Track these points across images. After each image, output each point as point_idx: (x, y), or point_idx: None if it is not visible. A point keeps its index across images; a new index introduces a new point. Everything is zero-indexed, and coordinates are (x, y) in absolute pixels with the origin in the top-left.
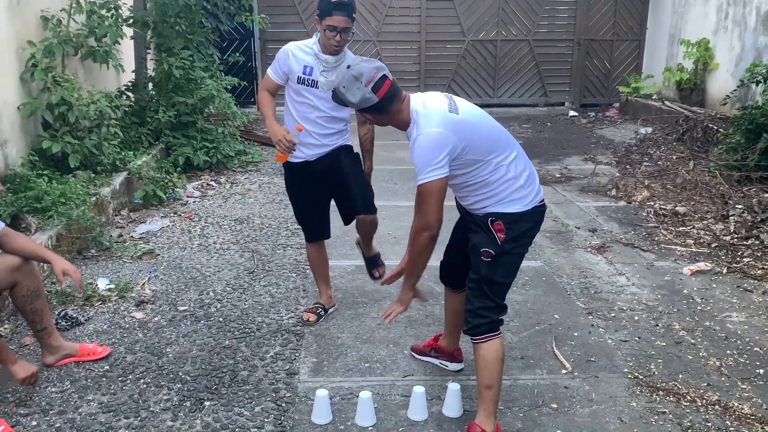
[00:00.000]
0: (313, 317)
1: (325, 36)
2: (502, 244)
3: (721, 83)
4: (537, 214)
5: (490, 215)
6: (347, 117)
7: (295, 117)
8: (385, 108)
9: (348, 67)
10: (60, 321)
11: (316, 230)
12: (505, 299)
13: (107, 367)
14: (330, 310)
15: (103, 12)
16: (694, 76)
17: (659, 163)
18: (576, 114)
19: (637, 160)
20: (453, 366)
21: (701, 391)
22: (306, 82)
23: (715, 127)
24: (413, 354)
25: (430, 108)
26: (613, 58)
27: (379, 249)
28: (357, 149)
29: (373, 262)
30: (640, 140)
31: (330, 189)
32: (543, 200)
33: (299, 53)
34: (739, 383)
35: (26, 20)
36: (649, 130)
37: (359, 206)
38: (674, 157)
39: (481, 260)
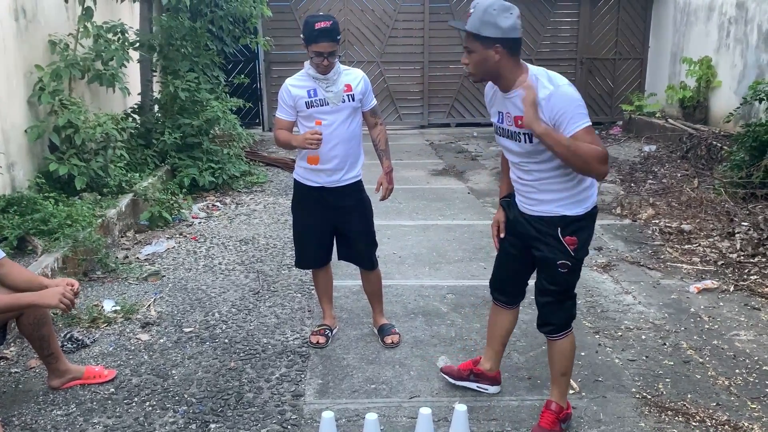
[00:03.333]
0: (322, 339)
1: (314, 61)
2: (575, 254)
3: (724, 101)
4: (593, 216)
5: (557, 222)
6: (360, 132)
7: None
8: (517, 49)
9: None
10: (66, 343)
11: (313, 258)
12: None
13: (113, 390)
14: (334, 331)
15: (110, 36)
16: (697, 93)
17: (664, 180)
18: None
19: (641, 178)
20: (493, 389)
21: (710, 410)
22: (315, 104)
23: (719, 145)
24: (447, 378)
25: (555, 74)
26: (615, 77)
27: (385, 268)
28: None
29: (385, 331)
30: (644, 158)
31: (334, 227)
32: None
33: (297, 83)
34: (749, 403)
35: (34, 45)
36: (653, 148)
37: (360, 263)
38: (678, 175)
39: (558, 272)
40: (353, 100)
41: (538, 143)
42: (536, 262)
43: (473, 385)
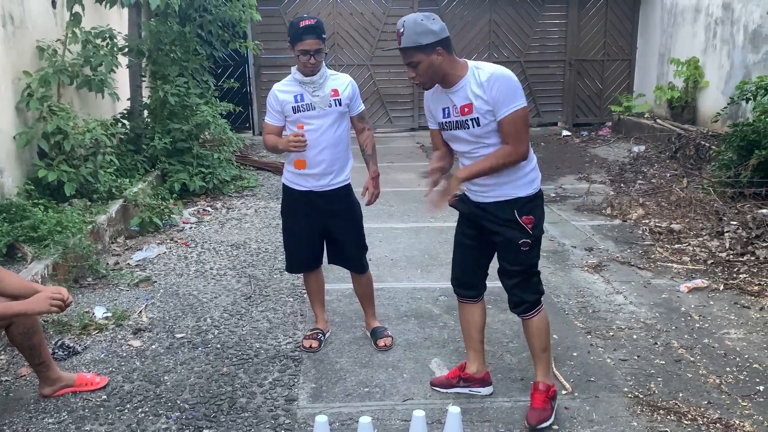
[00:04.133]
0: (315, 343)
1: (300, 60)
2: (533, 232)
3: (712, 101)
4: (541, 196)
5: (513, 205)
6: (348, 137)
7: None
8: (451, 47)
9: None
10: (57, 351)
11: (304, 263)
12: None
13: (105, 397)
14: (327, 335)
15: (99, 41)
16: (684, 94)
17: (653, 181)
18: (569, 133)
19: (631, 179)
20: (485, 390)
21: (702, 409)
22: (302, 108)
23: (707, 145)
24: (437, 389)
25: (494, 64)
26: (604, 78)
27: (376, 270)
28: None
29: (378, 334)
30: (633, 158)
31: (324, 231)
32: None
33: (284, 88)
34: (740, 401)
35: (22, 51)
36: (642, 148)
37: (351, 266)
38: (668, 175)
39: (520, 251)
40: (340, 104)
41: (485, 125)
42: (497, 248)
43: (465, 390)
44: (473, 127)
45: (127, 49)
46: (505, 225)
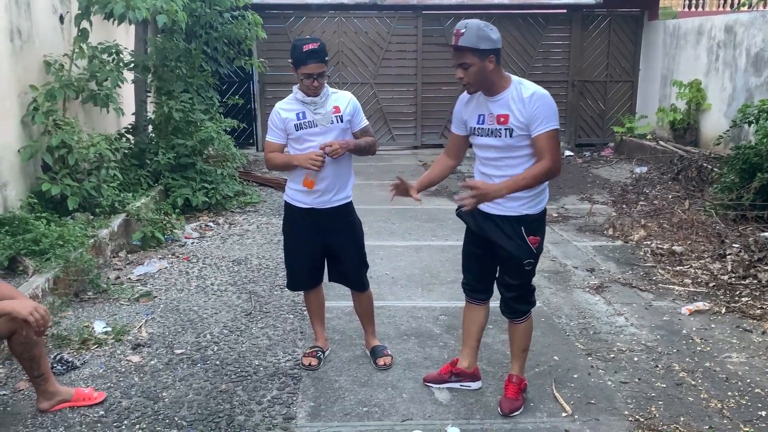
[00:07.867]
0: (315, 361)
1: (303, 83)
2: (537, 251)
3: (714, 123)
4: (545, 217)
5: (521, 221)
6: (350, 155)
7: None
8: (499, 59)
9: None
10: (55, 365)
11: (304, 280)
12: None
13: (102, 413)
14: (326, 353)
15: (105, 56)
16: (687, 116)
17: (655, 202)
18: (571, 154)
19: (633, 200)
20: (475, 385)
21: None
22: (304, 126)
23: (709, 167)
24: (429, 385)
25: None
26: (606, 99)
27: (377, 289)
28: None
29: (378, 353)
30: (635, 180)
31: (325, 249)
32: None
33: (287, 106)
34: (742, 426)
35: (29, 65)
36: (645, 169)
37: (351, 284)
38: (670, 197)
39: (524, 270)
40: (342, 121)
41: (517, 138)
42: (500, 261)
43: (456, 385)
44: (506, 136)
45: (132, 65)
46: (510, 240)
